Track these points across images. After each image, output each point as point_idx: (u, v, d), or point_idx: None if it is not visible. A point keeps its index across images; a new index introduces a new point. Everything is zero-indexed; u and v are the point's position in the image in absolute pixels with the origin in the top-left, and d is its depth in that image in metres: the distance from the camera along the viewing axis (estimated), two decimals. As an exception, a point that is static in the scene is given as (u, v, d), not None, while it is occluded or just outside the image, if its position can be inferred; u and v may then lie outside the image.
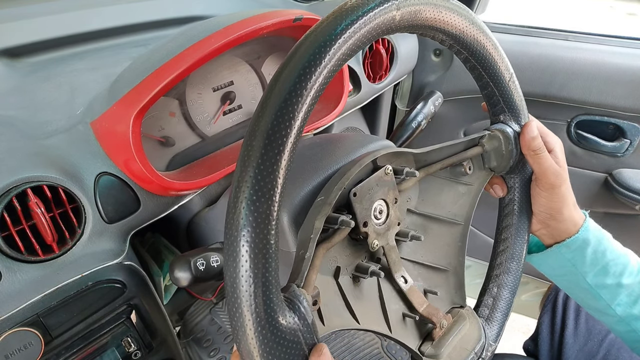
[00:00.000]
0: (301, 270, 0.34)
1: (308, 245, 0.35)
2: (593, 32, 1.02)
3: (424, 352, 0.45)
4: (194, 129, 0.62)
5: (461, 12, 0.39)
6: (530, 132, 0.47)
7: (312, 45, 0.30)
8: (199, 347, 0.85)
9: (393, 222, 0.43)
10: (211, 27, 0.51)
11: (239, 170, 0.28)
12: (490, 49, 0.43)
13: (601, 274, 0.49)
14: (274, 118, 0.28)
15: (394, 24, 0.33)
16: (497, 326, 0.51)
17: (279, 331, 0.29)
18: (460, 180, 0.51)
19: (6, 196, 0.43)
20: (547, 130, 0.51)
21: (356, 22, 0.31)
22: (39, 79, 0.60)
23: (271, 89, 0.29)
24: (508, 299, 0.52)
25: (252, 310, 0.28)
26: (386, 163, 0.43)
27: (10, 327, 0.43)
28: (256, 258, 0.27)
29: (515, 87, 0.48)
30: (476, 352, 0.46)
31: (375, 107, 1.10)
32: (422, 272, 0.50)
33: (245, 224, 0.27)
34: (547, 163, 0.48)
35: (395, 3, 0.33)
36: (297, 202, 0.43)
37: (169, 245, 0.73)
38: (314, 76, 0.29)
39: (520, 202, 0.52)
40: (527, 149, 0.48)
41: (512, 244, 0.52)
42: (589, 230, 0.49)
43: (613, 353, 0.66)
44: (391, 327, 0.44)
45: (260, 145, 0.28)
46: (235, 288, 0.28)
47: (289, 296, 0.32)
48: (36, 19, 0.64)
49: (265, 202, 0.28)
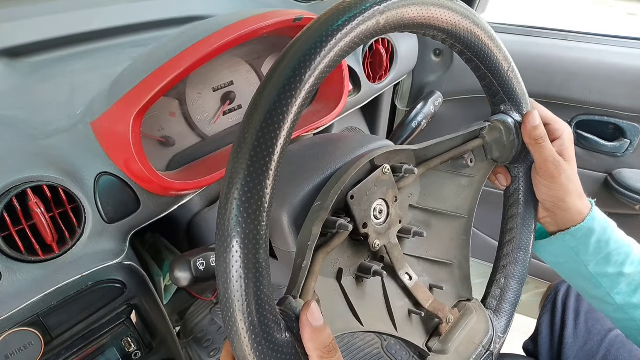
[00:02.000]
0: (298, 281, 0.34)
1: (305, 253, 0.35)
2: (593, 32, 1.02)
3: (431, 348, 0.45)
4: (194, 129, 0.62)
5: (450, 5, 0.38)
6: (533, 121, 0.47)
7: (306, 43, 0.30)
8: (199, 347, 0.85)
9: (394, 220, 0.43)
10: (211, 27, 0.51)
11: (230, 165, 0.29)
12: (484, 39, 0.42)
13: (603, 263, 0.49)
14: (266, 114, 0.28)
15: (379, 27, 0.33)
16: (506, 318, 0.50)
17: (276, 346, 0.29)
18: (462, 172, 0.50)
19: (6, 196, 0.43)
20: (556, 117, 0.50)
21: (342, 30, 0.31)
22: (39, 79, 0.60)
23: (264, 85, 0.30)
24: (516, 289, 0.51)
25: (247, 328, 0.28)
26: (384, 162, 0.43)
27: (10, 327, 0.43)
28: (247, 278, 0.28)
29: (515, 77, 0.47)
30: (484, 346, 0.46)
31: (375, 107, 1.10)
32: (427, 268, 0.50)
33: (234, 243, 0.28)
34: (547, 152, 0.47)
35: (379, 8, 0.32)
36: (297, 202, 0.43)
37: (169, 245, 0.73)
38: (307, 73, 0.29)
39: (525, 191, 0.51)
40: (528, 137, 0.47)
41: (519, 233, 0.52)
42: (595, 219, 0.49)
43: (612, 353, 0.66)
44: (397, 326, 0.43)
45: (251, 139, 0.28)
46: (229, 307, 0.28)
47: (285, 309, 0.32)
48: (36, 19, 0.64)
49: (253, 222, 0.28)
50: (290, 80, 0.29)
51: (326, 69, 0.31)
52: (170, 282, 0.71)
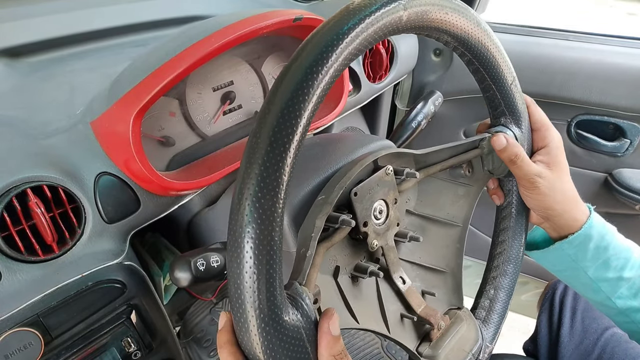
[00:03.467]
0: (303, 269, 0.34)
1: (309, 243, 0.35)
2: (593, 32, 1.02)
3: (421, 352, 0.45)
4: (194, 129, 0.62)
5: (467, 14, 0.39)
6: (497, 145, 0.47)
7: (320, 44, 0.30)
8: (199, 347, 0.85)
9: (392, 222, 0.44)
10: (211, 27, 0.51)
11: (244, 166, 0.28)
12: (494, 52, 0.43)
13: (602, 268, 0.49)
14: (280, 116, 0.28)
15: (401, 24, 0.33)
16: (494, 328, 0.51)
17: (282, 328, 0.29)
18: (459, 182, 0.51)
19: (6, 196, 0.43)
20: (547, 122, 0.50)
21: (363, 22, 0.31)
22: (39, 79, 0.60)
23: (278, 86, 0.29)
24: (504, 301, 0.52)
25: (255, 307, 0.28)
26: (387, 163, 0.43)
27: (10, 327, 0.42)
28: (260, 254, 0.27)
29: (517, 91, 0.47)
30: (473, 354, 0.46)
31: (375, 107, 1.10)
32: (420, 274, 0.50)
33: (250, 220, 0.27)
34: (525, 169, 0.47)
35: (402, 3, 0.33)
36: (297, 202, 0.43)
37: (169, 245, 0.73)
38: (320, 75, 0.29)
39: (517, 205, 0.52)
40: (502, 158, 0.48)
41: (509, 246, 0.53)
42: (592, 226, 0.49)
43: (608, 351, 0.67)
44: (389, 328, 0.44)
45: (266, 142, 0.28)
46: (239, 284, 0.28)
47: (292, 293, 0.32)
48: (36, 19, 0.64)
49: (270, 199, 0.28)
50: (303, 84, 0.29)
51: (341, 67, 0.31)
52: (170, 282, 0.71)
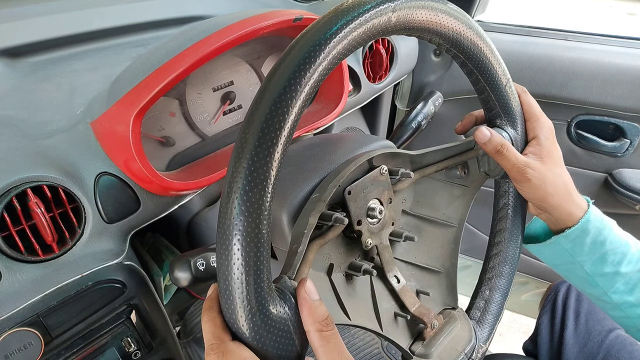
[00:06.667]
0: (293, 264, 0.34)
1: (301, 240, 0.36)
2: (593, 32, 1.02)
3: (414, 351, 0.45)
4: (194, 129, 0.62)
5: (458, 15, 0.39)
6: (480, 139, 0.47)
7: (309, 43, 0.30)
8: (199, 347, 0.85)
9: (387, 221, 0.44)
10: (211, 27, 0.51)
11: (233, 161, 0.29)
12: (487, 53, 0.43)
13: (599, 263, 0.49)
14: (268, 112, 0.29)
15: (390, 25, 0.33)
16: (488, 328, 0.51)
17: (269, 319, 0.30)
18: (455, 182, 0.51)
19: (6, 196, 0.43)
20: (538, 112, 0.49)
21: (352, 23, 0.31)
22: (39, 79, 0.60)
23: (266, 84, 0.30)
24: (500, 302, 0.52)
25: (243, 297, 0.28)
26: (382, 163, 0.44)
27: (10, 327, 0.42)
28: (248, 247, 0.28)
29: (512, 93, 0.47)
30: (466, 353, 0.47)
31: (375, 107, 1.10)
32: (415, 273, 0.50)
33: (237, 213, 0.28)
34: (512, 160, 0.47)
35: (391, 5, 0.33)
36: (296, 202, 0.43)
37: (169, 245, 0.73)
38: (309, 73, 0.30)
39: (514, 206, 0.52)
40: (487, 151, 0.47)
41: (505, 247, 0.53)
42: (590, 221, 0.49)
43: (613, 354, 0.66)
44: (382, 326, 0.44)
45: (254, 138, 0.28)
46: (227, 275, 0.28)
47: (280, 287, 0.32)
48: (36, 19, 0.64)
49: (258, 193, 0.28)
50: (291, 81, 0.29)
51: (329, 66, 0.31)
52: (170, 282, 0.71)
